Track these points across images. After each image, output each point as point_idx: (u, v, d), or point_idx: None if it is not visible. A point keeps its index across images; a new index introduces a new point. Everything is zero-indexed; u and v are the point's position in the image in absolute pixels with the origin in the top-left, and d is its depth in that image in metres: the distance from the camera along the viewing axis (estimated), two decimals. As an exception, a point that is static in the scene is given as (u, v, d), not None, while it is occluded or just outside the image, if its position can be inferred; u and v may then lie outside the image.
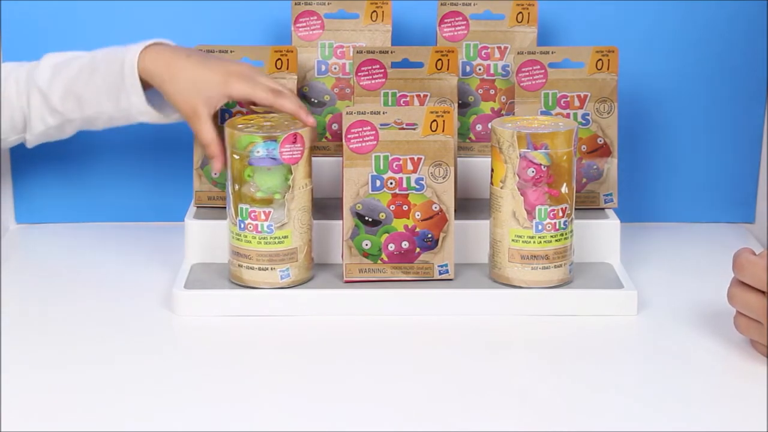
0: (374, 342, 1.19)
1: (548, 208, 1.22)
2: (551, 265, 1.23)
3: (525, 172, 1.21)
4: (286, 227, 1.23)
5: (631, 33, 1.46)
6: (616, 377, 1.12)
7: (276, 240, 1.23)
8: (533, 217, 1.22)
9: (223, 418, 1.04)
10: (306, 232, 1.24)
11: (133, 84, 1.30)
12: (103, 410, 1.05)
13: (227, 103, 1.32)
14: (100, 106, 1.32)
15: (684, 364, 1.14)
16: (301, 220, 1.23)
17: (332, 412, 1.05)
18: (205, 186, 1.35)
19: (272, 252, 1.23)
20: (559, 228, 1.23)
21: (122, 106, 1.31)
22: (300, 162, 1.22)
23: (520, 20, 1.38)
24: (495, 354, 1.17)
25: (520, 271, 1.24)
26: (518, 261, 1.23)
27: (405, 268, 1.26)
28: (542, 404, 1.06)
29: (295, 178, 1.22)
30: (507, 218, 1.23)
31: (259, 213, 1.22)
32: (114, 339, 1.19)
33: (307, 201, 1.24)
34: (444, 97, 1.32)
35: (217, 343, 1.18)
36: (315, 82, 1.38)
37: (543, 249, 1.23)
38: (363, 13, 1.38)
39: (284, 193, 1.22)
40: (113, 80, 1.31)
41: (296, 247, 1.24)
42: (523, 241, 1.23)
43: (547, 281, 1.24)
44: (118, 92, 1.31)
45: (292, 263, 1.24)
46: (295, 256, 1.24)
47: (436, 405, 1.06)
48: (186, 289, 1.25)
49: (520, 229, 1.23)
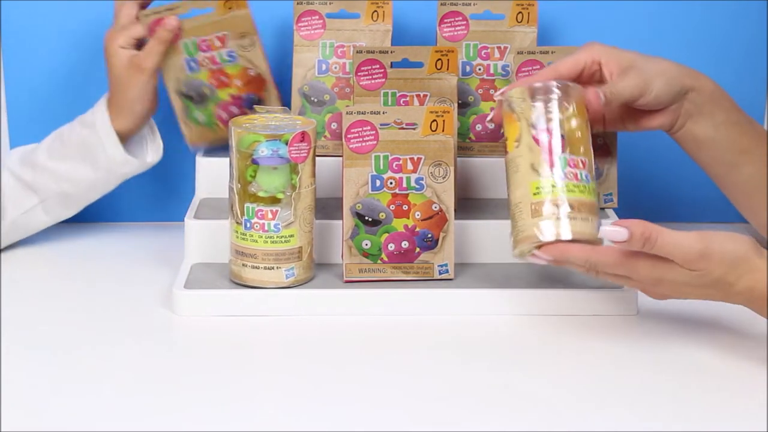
0: (374, 342, 1.19)
1: (567, 157, 1.14)
2: (578, 216, 1.13)
3: (540, 120, 1.16)
4: (292, 226, 1.23)
5: (631, 33, 1.46)
6: (616, 377, 1.12)
7: (282, 239, 1.23)
8: (554, 164, 1.14)
9: (223, 418, 1.04)
10: (310, 232, 1.24)
11: (108, 135, 1.32)
12: (103, 410, 1.05)
13: (189, 51, 1.36)
14: (76, 172, 1.33)
15: (683, 364, 1.14)
16: (306, 220, 1.23)
17: (332, 412, 1.05)
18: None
19: (278, 251, 1.23)
20: (580, 179, 1.15)
21: (101, 165, 1.32)
22: (306, 161, 1.22)
23: (520, 20, 1.38)
24: (495, 354, 1.17)
25: (545, 224, 1.13)
26: (541, 216, 1.13)
27: (405, 267, 1.26)
28: (542, 404, 1.06)
29: (301, 177, 1.22)
30: (526, 174, 1.15)
31: (266, 212, 1.22)
32: (114, 339, 1.19)
33: (312, 200, 1.24)
34: (444, 97, 1.32)
35: (217, 343, 1.18)
36: (315, 82, 1.38)
37: (568, 197, 1.13)
38: (364, 12, 1.38)
39: (288, 192, 1.22)
40: (87, 140, 1.32)
41: (301, 246, 1.24)
42: (545, 192, 1.14)
43: (571, 233, 1.13)
44: (94, 150, 1.32)
45: (297, 262, 1.24)
46: (300, 255, 1.24)
47: (435, 405, 1.06)
48: (186, 289, 1.25)
49: (540, 180, 1.15)
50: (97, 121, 1.34)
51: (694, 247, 1.08)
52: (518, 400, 1.07)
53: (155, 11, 1.33)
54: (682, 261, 1.09)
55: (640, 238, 1.07)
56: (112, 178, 1.36)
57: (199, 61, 1.36)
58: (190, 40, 1.35)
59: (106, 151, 1.32)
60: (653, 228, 1.08)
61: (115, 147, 1.33)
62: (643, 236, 1.07)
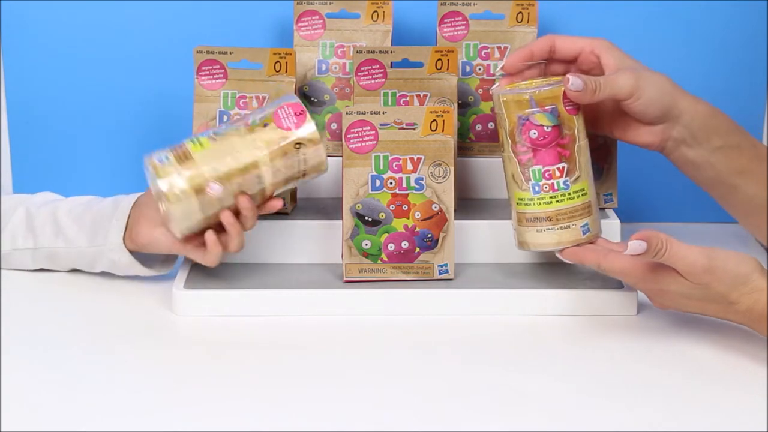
0: (374, 342, 1.19)
1: (542, 169, 1.19)
2: (555, 227, 1.20)
3: (516, 133, 1.20)
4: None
5: (631, 33, 1.46)
6: (616, 377, 1.12)
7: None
8: (529, 179, 1.20)
9: (222, 418, 1.04)
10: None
11: (119, 218, 1.27)
12: (102, 410, 1.05)
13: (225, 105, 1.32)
14: (76, 238, 1.29)
15: (683, 364, 1.14)
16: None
17: (332, 412, 1.05)
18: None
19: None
20: (558, 188, 1.20)
21: (98, 241, 1.28)
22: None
23: (520, 20, 1.38)
24: (495, 354, 1.17)
25: (530, 235, 1.21)
26: (525, 224, 1.21)
27: (405, 268, 1.26)
28: (542, 404, 1.06)
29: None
30: (510, 183, 1.22)
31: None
32: (114, 338, 1.19)
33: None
34: (444, 97, 1.32)
35: (217, 343, 1.18)
36: (315, 82, 1.38)
37: (544, 210, 1.21)
38: (364, 13, 1.38)
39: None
40: (102, 214, 1.29)
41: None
42: (525, 204, 1.21)
43: (555, 243, 1.21)
44: (98, 226, 1.28)
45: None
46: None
47: (435, 405, 1.06)
48: (186, 289, 1.25)
49: (520, 192, 1.21)
50: (122, 203, 1.29)
51: (699, 261, 1.11)
52: (518, 400, 1.07)
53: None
54: (686, 273, 1.11)
55: (653, 249, 1.10)
56: (101, 260, 1.30)
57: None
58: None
59: (109, 231, 1.28)
60: (665, 239, 1.11)
61: (117, 233, 1.28)
62: (656, 248, 1.10)
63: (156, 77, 1.47)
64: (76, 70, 1.47)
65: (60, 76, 1.47)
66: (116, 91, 1.48)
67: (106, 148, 1.49)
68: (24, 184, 1.49)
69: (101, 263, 1.30)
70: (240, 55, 1.33)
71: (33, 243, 1.31)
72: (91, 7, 1.45)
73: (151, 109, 1.48)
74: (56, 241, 1.30)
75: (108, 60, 1.47)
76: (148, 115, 1.48)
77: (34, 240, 1.31)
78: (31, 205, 1.32)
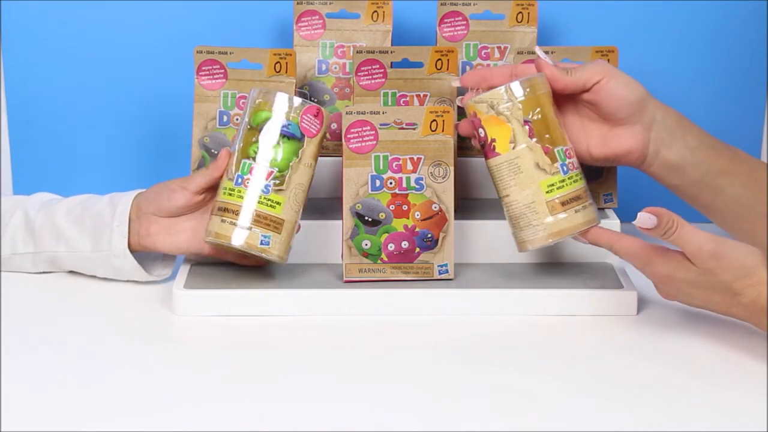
0: (374, 342, 1.19)
1: (563, 148, 1.21)
2: (581, 206, 1.21)
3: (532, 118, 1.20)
4: (282, 194, 1.22)
5: (631, 33, 1.46)
6: (616, 377, 1.12)
7: (269, 202, 1.22)
8: (556, 160, 1.20)
9: (222, 418, 1.04)
10: (297, 212, 1.23)
11: (121, 224, 1.27)
12: (102, 410, 1.05)
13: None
14: (78, 242, 1.29)
15: (684, 364, 1.14)
16: (297, 197, 1.23)
17: (332, 412, 1.05)
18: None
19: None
20: (577, 167, 1.22)
21: (101, 246, 1.28)
22: (315, 138, 1.22)
23: (520, 20, 1.39)
24: (495, 354, 1.17)
25: (568, 219, 1.20)
26: (560, 209, 1.20)
27: (405, 267, 1.26)
28: (542, 404, 1.06)
29: (304, 152, 1.22)
30: (533, 174, 1.20)
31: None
32: (114, 338, 1.19)
33: (306, 181, 1.23)
34: (444, 97, 1.32)
35: (217, 343, 1.18)
36: (315, 82, 1.38)
37: (576, 189, 1.21)
38: (364, 13, 1.38)
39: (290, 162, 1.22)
40: (103, 216, 1.28)
41: (284, 219, 1.23)
42: (557, 187, 1.20)
43: (589, 221, 1.21)
44: (102, 230, 1.28)
45: (275, 233, 1.23)
46: (280, 228, 1.23)
47: (435, 405, 1.06)
48: (186, 289, 1.25)
49: (550, 178, 1.20)
50: (119, 205, 1.29)
51: (707, 245, 1.11)
52: (518, 400, 1.07)
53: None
54: (693, 256, 1.12)
55: (664, 226, 1.12)
56: (104, 265, 1.30)
57: None
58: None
59: (112, 236, 1.28)
60: (676, 218, 1.12)
61: (120, 239, 1.28)
62: (666, 226, 1.12)
63: (156, 77, 1.47)
64: (75, 70, 1.47)
65: (60, 76, 1.47)
66: (116, 91, 1.48)
67: (106, 148, 1.49)
68: (24, 184, 1.49)
69: (103, 269, 1.30)
70: (240, 56, 1.33)
71: (33, 247, 1.30)
72: (91, 7, 1.45)
73: (151, 109, 1.48)
74: (57, 245, 1.30)
75: (108, 60, 1.47)
76: (148, 115, 1.48)
77: (34, 244, 1.30)
78: (29, 207, 1.32)
